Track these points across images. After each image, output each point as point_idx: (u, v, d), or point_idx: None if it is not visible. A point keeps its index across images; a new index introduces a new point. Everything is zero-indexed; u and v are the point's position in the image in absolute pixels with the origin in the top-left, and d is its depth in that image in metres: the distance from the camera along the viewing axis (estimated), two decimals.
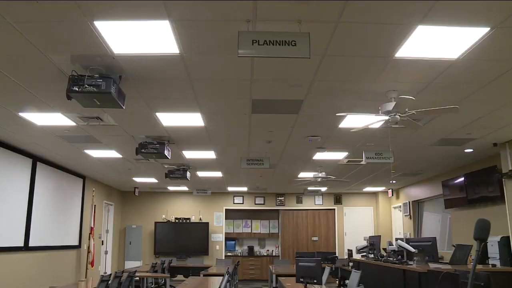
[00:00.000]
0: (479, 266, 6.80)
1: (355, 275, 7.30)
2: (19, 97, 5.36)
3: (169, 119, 6.40)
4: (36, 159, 9.09)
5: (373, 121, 5.48)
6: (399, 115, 5.08)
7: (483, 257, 7.88)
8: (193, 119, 6.38)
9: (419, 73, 4.65)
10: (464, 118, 6.29)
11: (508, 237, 7.71)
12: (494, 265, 7.02)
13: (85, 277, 11.20)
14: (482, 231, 1.20)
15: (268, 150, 8.42)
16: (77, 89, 4.32)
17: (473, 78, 4.76)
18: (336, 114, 5.76)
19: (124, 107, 4.76)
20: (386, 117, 5.16)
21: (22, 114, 6.12)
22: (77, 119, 6.35)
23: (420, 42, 3.91)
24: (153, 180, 12.63)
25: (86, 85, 4.31)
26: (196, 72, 4.64)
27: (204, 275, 9.66)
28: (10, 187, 8.17)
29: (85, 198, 11.90)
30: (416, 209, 13.47)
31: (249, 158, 8.82)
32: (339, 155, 8.98)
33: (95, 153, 8.85)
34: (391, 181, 12.64)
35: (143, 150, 7.37)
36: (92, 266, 11.52)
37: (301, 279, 6.72)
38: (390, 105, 5.03)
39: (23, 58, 4.28)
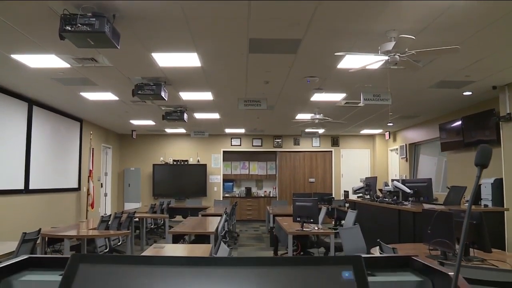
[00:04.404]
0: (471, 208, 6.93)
1: (351, 215, 7.48)
2: (10, 38, 5.23)
3: (165, 59, 6.29)
4: (32, 103, 9.02)
5: (372, 61, 5.40)
6: (399, 55, 5.00)
7: (476, 198, 8.03)
8: (190, 60, 6.27)
9: (419, 13, 4.53)
10: (464, 60, 6.20)
11: (501, 179, 7.84)
12: (486, 206, 7.17)
13: (86, 219, 11.44)
14: (483, 158, 1.21)
15: (265, 91, 8.35)
16: (69, 28, 4.21)
17: (474, 19, 4.64)
18: (335, 54, 5.66)
19: (119, 47, 4.66)
20: (386, 57, 5.08)
21: (14, 56, 5.99)
22: (72, 61, 6.24)
23: None
24: (150, 122, 12.61)
25: (79, 24, 4.21)
26: (192, 10, 4.50)
27: (202, 216, 9.87)
28: (7, 131, 8.16)
29: (83, 141, 11.94)
30: (412, 151, 13.61)
31: (246, 99, 8.77)
32: (337, 97, 8.92)
33: (91, 95, 8.77)
34: (388, 124, 12.67)
35: (139, 92, 7.32)
36: (92, 208, 11.74)
37: (298, 219, 6.88)
38: (390, 45, 4.94)
39: None
